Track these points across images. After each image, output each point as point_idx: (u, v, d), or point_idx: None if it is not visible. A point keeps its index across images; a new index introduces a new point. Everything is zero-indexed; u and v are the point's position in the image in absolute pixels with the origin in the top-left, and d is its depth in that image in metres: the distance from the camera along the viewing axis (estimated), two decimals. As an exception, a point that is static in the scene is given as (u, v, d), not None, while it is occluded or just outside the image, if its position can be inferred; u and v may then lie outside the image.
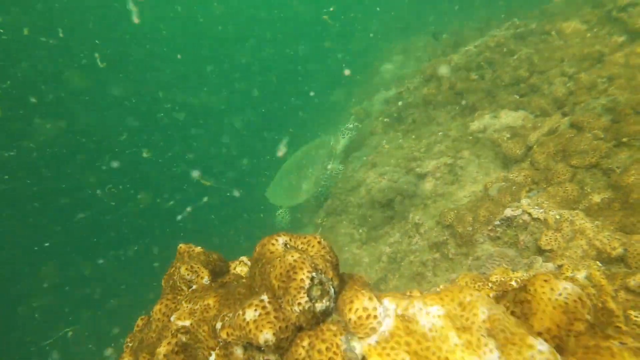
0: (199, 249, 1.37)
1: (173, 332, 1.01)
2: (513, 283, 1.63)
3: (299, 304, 0.82)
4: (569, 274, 1.70)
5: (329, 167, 6.57)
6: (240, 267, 1.39)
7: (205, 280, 1.19)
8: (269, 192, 7.05)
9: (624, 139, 2.66)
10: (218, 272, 1.33)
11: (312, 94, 13.78)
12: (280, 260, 0.89)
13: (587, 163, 2.78)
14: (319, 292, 0.86)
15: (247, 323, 0.81)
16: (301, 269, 0.86)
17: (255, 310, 0.83)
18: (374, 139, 7.00)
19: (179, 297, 1.18)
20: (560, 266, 2.01)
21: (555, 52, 4.90)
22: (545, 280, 0.84)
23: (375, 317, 0.75)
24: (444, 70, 5.97)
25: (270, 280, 0.88)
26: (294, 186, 6.63)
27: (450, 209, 3.81)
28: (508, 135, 4.36)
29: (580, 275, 1.69)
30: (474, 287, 1.81)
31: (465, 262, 3.18)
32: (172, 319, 1.05)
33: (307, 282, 0.84)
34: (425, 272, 3.52)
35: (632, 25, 4.28)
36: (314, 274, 0.86)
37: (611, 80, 3.93)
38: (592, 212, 2.38)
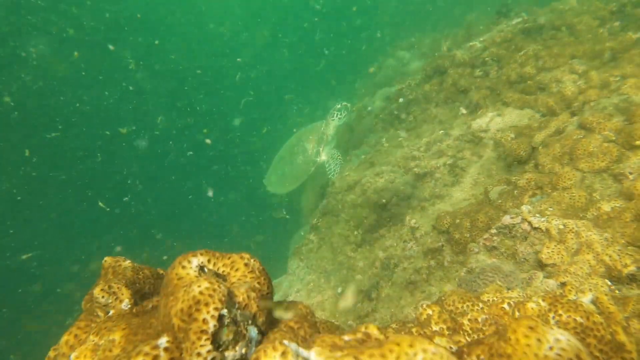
0: (127, 263, 1.15)
1: (68, 374, 0.81)
2: (505, 306, 1.41)
3: (199, 354, 0.62)
4: (571, 296, 1.47)
5: (322, 153, 6.37)
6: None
7: (125, 304, 0.99)
8: (266, 179, 6.97)
9: (638, 142, 2.40)
10: (148, 292, 1.12)
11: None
12: (185, 291, 0.69)
13: (596, 167, 2.53)
14: (230, 336, 0.65)
15: (126, 381, 0.61)
16: (207, 304, 0.65)
17: (142, 361, 0.62)
18: (374, 136, 6.77)
19: (92, 324, 0.97)
20: (563, 284, 1.78)
21: (565, 49, 4.60)
22: (531, 328, 0.63)
23: (287, 383, 0.55)
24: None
25: (170, 317, 0.68)
26: (286, 174, 6.52)
27: (446, 212, 3.57)
28: (512, 135, 4.10)
29: (586, 298, 1.46)
30: (462, 307, 1.59)
31: (461, 271, 2.95)
32: (70, 357, 0.84)
33: (212, 323, 0.63)
34: (419, 280, 3.29)
35: (649, 19, 3.97)
36: (224, 311, 0.65)
37: (624, 79, 3.64)
38: (601, 223, 2.14)
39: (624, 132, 2.59)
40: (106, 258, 1.18)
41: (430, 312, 1.56)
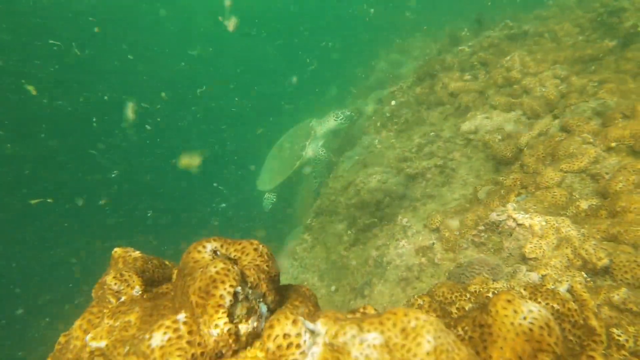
0: (137, 253, 1.22)
1: (88, 354, 0.88)
2: (490, 295, 1.51)
3: (217, 325, 0.70)
4: (550, 286, 1.59)
5: (308, 148, 6.48)
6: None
7: (136, 290, 1.06)
8: (259, 181, 7.04)
9: (613, 144, 2.56)
10: (157, 280, 1.19)
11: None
12: (202, 271, 0.76)
13: (575, 168, 2.68)
14: (244, 311, 0.73)
15: (152, 350, 0.68)
16: (223, 282, 0.73)
17: (165, 333, 0.70)
18: (367, 138, 6.89)
19: (105, 310, 1.04)
20: (544, 276, 1.90)
21: (548, 55, 4.81)
22: (508, 301, 0.73)
23: (298, 346, 0.63)
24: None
25: (189, 295, 0.75)
26: (274, 169, 6.62)
27: (437, 211, 3.70)
28: (500, 137, 4.26)
29: (562, 287, 1.57)
30: (451, 297, 1.70)
31: (450, 267, 3.06)
32: (86, 339, 0.91)
33: (228, 298, 0.71)
34: (411, 277, 3.40)
35: (622, 31, 4.20)
36: (238, 288, 0.73)
37: (602, 84, 3.84)
38: (579, 219, 2.28)
39: (601, 134, 2.75)
40: (116, 249, 1.24)
41: (421, 302, 1.66)
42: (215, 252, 0.86)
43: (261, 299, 0.79)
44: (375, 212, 4.92)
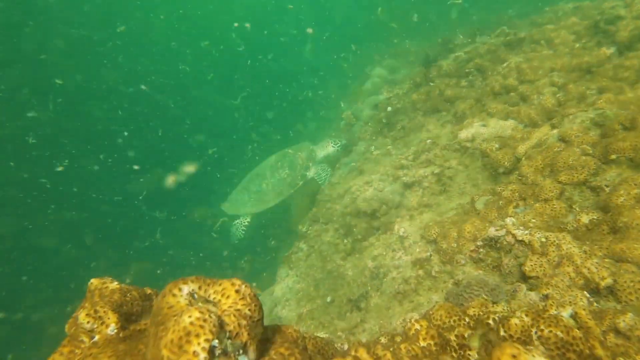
0: (115, 284, 1.14)
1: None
2: (490, 322, 1.44)
3: (189, 389, 0.62)
4: (553, 311, 1.52)
5: (311, 169, 6.40)
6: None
7: (111, 329, 0.97)
8: (228, 203, 6.69)
9: (613, 156, 2.51)
10: (136, 314, 1.10)
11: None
12: (175, 321, 0.68)
13: (575, 180, 2.63)
14: (221, 370, 0.65)
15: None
16: (197, 335, 0.65)
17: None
18: (363, 144, 6.84)
19: (77, 350, 0.96)
20: (545, 296, 1.83)
21: (544, 62, 4.79)
22: (514, 356, 0.65)
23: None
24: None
25: (160, 348, 0.67)
26: (264, 190, 6.36)
27: (434, 222, 3.63)
28: (497, 146, 4.22)
29: (566, 313, 1.51)
30: (449, 321, 1.62)
31: (449, 281, 2.99)
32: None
33: (203, 355, 0.63)
34: (408, 290, 3.33)
35: (619, 38, 4.19)
36: (215, 342, 0.65)
37: (600, 93, 3.82)
38: (580, 235, 2.22)
39: (600, 145, 2.71)
40: (92, 280, 1.16)
41: (418, 327, 1.58)
42: (192, 295, 0.78)
43: (242, 350, 0.71)
44: (372, 220, 4.85)
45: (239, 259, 8.22)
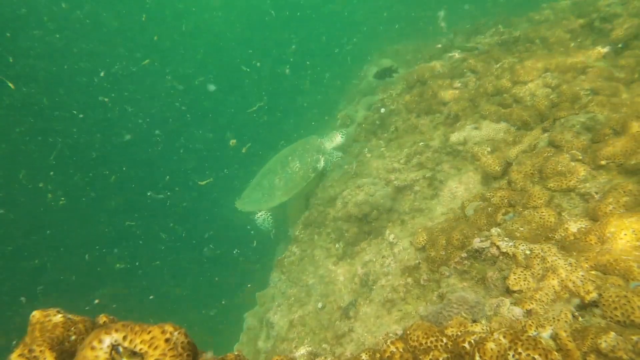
0: (58, 317, 1.07)
1: None
2: (466, 346, 1.37)
3: None
4: (532, 332, 1.45)
5: (321, 160, 6.37)
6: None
7: (40, 376, 0.90)
8: (241, 200, 6.71)
9: (603, 162, 2.44)
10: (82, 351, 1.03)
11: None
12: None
13: (564, 186, 2.55)
14: None
15: None
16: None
17: None
18: (356, 146, 6.75)
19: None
20: (529, 311, 1.76)
21: (538, 62, 4.70)
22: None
23: None
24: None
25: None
26: (276, 185, 6.28)
27: (423, 228, 3.56)
28: (489, 149, 4.14)
29: (545, 333, 1.44)
30: (426, 342, 1.56)
31: (437, 290, 2.93)
32: None
33: None
34: (396, 298, 3.26)
35: (614, 37, 4.09)
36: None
37: (594, 93, 3.73)
38: (567, 244, 2.15)
39: (590, 151, 2.63)
40: (34, 313, 1.09)
41: (393, 349, 1.52)
42: (115, 347, 0.71)
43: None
44: (363, 225, 4.78)
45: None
